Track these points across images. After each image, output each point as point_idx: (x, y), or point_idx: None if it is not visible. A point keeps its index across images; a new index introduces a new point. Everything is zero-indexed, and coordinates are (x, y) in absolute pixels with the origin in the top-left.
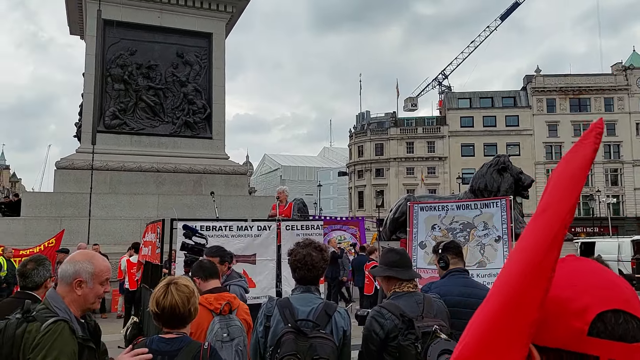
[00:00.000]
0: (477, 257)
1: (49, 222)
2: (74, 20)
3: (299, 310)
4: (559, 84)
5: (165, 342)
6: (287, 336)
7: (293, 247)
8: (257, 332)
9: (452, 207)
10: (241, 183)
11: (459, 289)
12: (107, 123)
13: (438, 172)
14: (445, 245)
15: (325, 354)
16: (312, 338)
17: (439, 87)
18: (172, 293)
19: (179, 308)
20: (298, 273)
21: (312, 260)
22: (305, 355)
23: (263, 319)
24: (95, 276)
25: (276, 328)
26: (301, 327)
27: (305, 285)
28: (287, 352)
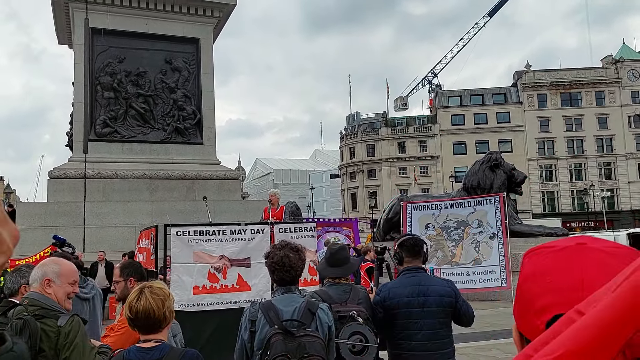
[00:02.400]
0: (472, 254)
1: (44, 232)
2: (62, 29)
3: (282, 311)
4: (550, 79)
5: (144, 352)
6: (276, 337)
7: (269, 249)
8: (243, 338)
9: (445, 206)
10: (234, 188)
11: (409, 289)
12: (98, 131)
13: (430, 171)
14: (401, 241)
15: (315, 351)
16: (299, 337)
17: (429, 85)
18: (146, 296)
19: (154, 311)
20: (277, 275)
21: (290, 262)
22: (295, 354)
23: (248, 323)
24: (61, 276)
25: (262, 331)
26: (288, 328)
27: (284, 286)
28: (277, 353)
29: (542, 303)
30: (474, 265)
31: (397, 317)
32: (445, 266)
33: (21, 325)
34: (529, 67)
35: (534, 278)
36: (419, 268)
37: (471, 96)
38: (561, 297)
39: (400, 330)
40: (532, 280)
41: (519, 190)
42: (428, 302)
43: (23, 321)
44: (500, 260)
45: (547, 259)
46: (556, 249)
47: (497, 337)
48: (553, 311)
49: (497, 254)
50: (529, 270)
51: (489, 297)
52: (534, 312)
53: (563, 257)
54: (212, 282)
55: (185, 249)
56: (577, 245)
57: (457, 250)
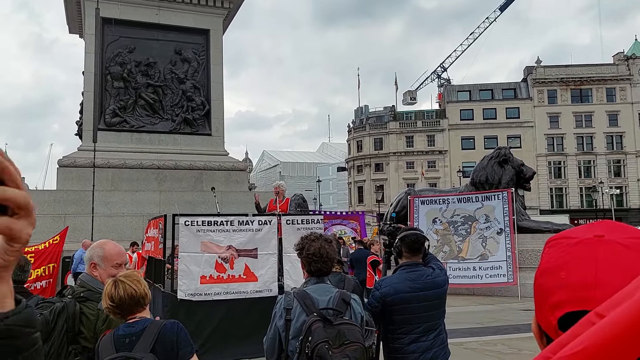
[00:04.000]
0: (479, 249)
1: (52, 220)
2: (73, 18)
3: (318, 300)
4: (560, 74)
5: (130, 326)
6: (316, 324)
7: (300, 241)
8: (277, 326)
9: (453, 201)
10: (241, 179)
11: (407, 284)
12: (107, 121)
13: (438, 165)
14: (402, 236)
15: (355, 338)
16: (338, 325)
17: (438, 80)
18: (123, 282)
19: (135, 291)
20: (314, 266)
21: (327, 253)
22: (335, 341)
23: (283, 312)
24: (105, 259)
25: (298, 319)
26: (326, 316)
27: (319, 277)
28: (319, 340)
29: (555, 299)
30: (481, 261)
31: (398, 312)
32: (452, 261)
33: (60, 308)
34: (540, 63)
35: (550, 272)
36: (418, 264)
37: (480, 91)
38: (573, 295)
39: (400, 325)
40: (547, 275)
41: (528, 186)
42: (428, 296)
43: (63, 304)
44: (507, 256)
45: (563, 252)
46: (573, 242)
47: (503, 332)
48: (566, 308)
49: (504, 249)
50: (545, 264)
51: (495, 292)
52: (548, 307)
53: (578, 251)
54: (219, 272)
55: (193, 239)
56: (593, 238)
57: (463, 245)
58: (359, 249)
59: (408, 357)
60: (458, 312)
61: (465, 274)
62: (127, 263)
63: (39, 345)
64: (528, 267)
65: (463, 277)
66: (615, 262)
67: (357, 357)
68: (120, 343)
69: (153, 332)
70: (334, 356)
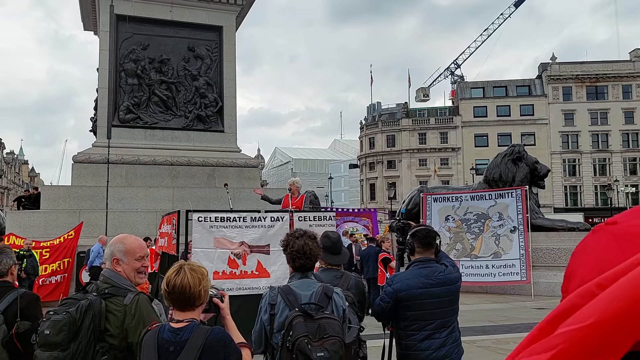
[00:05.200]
0: (492, 247)
1: (67, 215)
2: (88, 15)
3: (301, 295)
4: (575, 71)
5: (175, 332)
6: (297, 319)
7: (286, 237)
8: (263, 320)
9: (466, 198)
10: (253, 176)
11: (420, 281)
12: (121, 117)
13: (451, 163)
14: (413, 232)
15: (334, 332)
16: (318, 319)
17: (452, 76)
18: (185, 272)
19: (190, 287)
20: (297, 262)
21: (310, 250)
22: (315, 335)
23: (267, 307)
24: (127, 253)
25: (282, 314)
26: (307, 310)
27: (303, 272)
28: (300, 334)
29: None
30: (494, 259)
31: (410, 308)
32: (465, 259)
33: (86, 306)
34: (555, 60)
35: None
36: (430, 259)
37: (494, 88)
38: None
39: (412, 322)
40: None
41: (542, 184)
42: (441, 292)
43: (89, 302)
44: (521, 254)
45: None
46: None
47: (516, 330)
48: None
49: (517, 247)
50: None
51: (508, 290)
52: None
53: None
54: (232, 268)
55: (206, 235)
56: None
57: (476, 242)
58: (369, 246)
59: (421, 354)
60: (471, 310)
61: (478, 272)
62: (147, 255)
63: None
64: (542, 266)
65: (476, 275)
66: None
67: (335, 350)
68: (164, 350)
69: (199, 343)
70: (313, 350)
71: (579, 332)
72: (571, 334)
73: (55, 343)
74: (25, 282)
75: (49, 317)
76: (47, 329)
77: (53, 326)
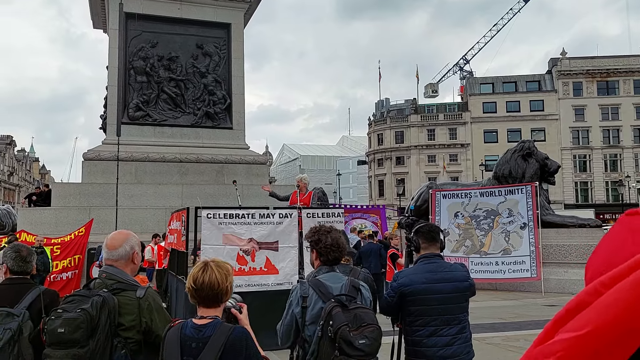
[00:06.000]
0: (501, 244)
1: (78, 212)
2: (97, 13)
3: (332, 287)
4: (586, 66)
5: (198, 329)
6: (336, 309)
7: (313, 234)
8: (294, 313)
9: (475, 194)
10: (262, 172)
11: (424, 276)
12: (130, 115)
13: (460, 159)
14: (417, 228)
15: (371, 320)
16: (353, 309)
17: (460, 72)
18: (212, 269)
19: (218, 284)
20: (332, 255)
21: (343, 243)
22: (353, 324)
23: (299, 299)
24: (139, 246)
25: (315, 306)
26: (343, 301)
27: (331, 265)
28: (341, 323)
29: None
30: (504, 255)
31: (415, 303)
32: (474, 255)
33: (101, 303)
34: (565, 54)
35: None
36: (436, 255)
37: (504, 83)
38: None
39: (417, 317)
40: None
41: (552, 180)
42: (446, 288)
43: (102, 299)
44: (531, 250)
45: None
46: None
47: (525, 328)
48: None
49: (527, 244)
50: None
51: (518, 287)
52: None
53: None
54: (240, 265)
55: (215, 231)
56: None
57: (486, 239)
58: (368, 243)
59: (428, 351)
60: (480, 307)
61: (487, 269)
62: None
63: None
64: (552, 262)
65: (485, 271)
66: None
67: (375, 337)
68: (187, 346)
69: (221, 340)
70: (355, 337)
71: (577, 340)
72: (570, 342)
73: (72, 340)
74: (36, 278)
75: (58, 315)
76: (61, 327)
77: (68, 324)
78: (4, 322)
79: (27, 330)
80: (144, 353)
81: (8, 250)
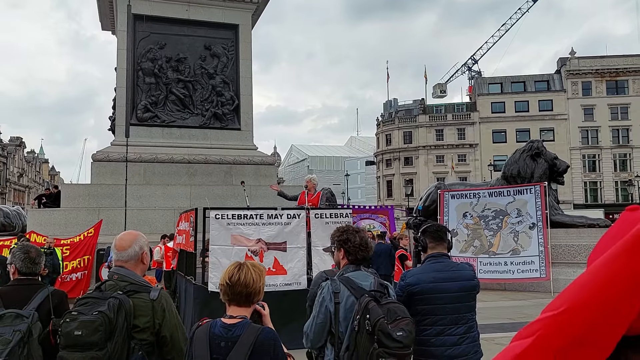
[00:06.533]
0: (510, 244)
1: (87, 213)
2: (106, 15)
3: (361, 284)
4: (595, 66)
5: (227, 328)
6: (372, 303)
7: (341, 233)
8: (329, 309)
9: (484, 195)
10: (270, 173)
11: (431, 275)
12: (139, 116)
13: (469, 159)
14: (424, 228)
15: (404, 314)
16: (385, 304)
17: (469, 72)
18: (248, 267)
19: (253, 281)
20: (360, 254)
21: (369, 242)
22: (388, 317)
23: (332, 296)
24: (147, 246)
25: (347, 301)
26: (376, 296)
27: (357, 265)
28: (378, 316)
29: None
30: (512, 256)
31: (422, 303)
32: (483, 256)
33: (117, 305)
34: (574, 54)
35: None
36: (443, 254)
37: (512, 83)
38: None
39: (425, 316)
40: None
41: (561, 180)
42: (453, 287)
43: (119, 301)
44: (540, 250)
45: None
46: None
47: None
48: None
49: (536, 244)
50: None
51: (527, 287)
52: None
53: None
54: None
55: (223, 232)
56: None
57: (495, 239)
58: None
59: (435, 351)
60: (489, 307)
61: (496, 269)
62: None
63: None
64: (561, 262)
65: (494, 272)
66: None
67: (410, 330)
68: (215, 345)
69: (250, 340)
70: (393, 330)
71: (553, 319)
72: (547, 321)
73: (89, 343)
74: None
75: (74, 317)
76: (78, 330)
77: (85, 326)
78: (13, 324)
79: (36, 332)
80: (156, 354)
81: (17, 251)
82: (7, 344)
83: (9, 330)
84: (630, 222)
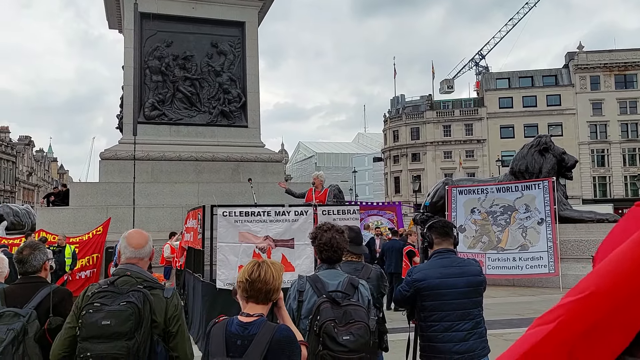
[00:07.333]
0: (519, 240)
1: (96, 211)
2: (112, 14)
3: (328, 284)
4: (603, 60)
5: (243, 326)
6: (324, 305)
7: (314, 230)
8: (291, 307)
9: (492, 190)
10: (277, 170)
11: (438, 271)
12: (146, 114)
13: (477, 155)
14: (430, 224)
15: (359, 317)
16: (345, 306)
17: (476, 67)
18: (268, 265)
19: (272, 279)
20: (325, 254)
21: (337, 243)
22: (341, 320)
23: (296, 294)
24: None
25: (310, 300)
26: (334, 297)
27: (330, 264)
28: (327, 318)
29: None
30: (521, 251)
31: (429, 298)
32: (491, 251)
33: (142, 299)
34: (582, 48)
35: None
36: (449, 250)
37: (520, 78)
38: None
39: (432, 312)
40: None
41: (570, 175)
42: (459, 282)
43: (143, 295)
44: (549, 246)
45: None
46: None
47: None
48: None
49: (545, 239)
50: None
51: (536, 283)
52: None
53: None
54: None
55: (231, 229)
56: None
57: (503, 235)
58: (392, 239)
59: (443, 347)
60: (498, 302)
61: (504, 265)
62: None
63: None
64: (570, 258)
65: (502, 267)
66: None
67: (361, 334)
68: (232, 343)
69: (266, 339)
70: (340, 333)
71: (578, 302)
72: (571, 305)
73: (118, 333)
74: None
75: (98, 308)
76: (106, 319)
77: (114, 316)
78: (9, 323)
79: (32, 330)
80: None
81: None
82: (0, 343)
83: (3, 329)
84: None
